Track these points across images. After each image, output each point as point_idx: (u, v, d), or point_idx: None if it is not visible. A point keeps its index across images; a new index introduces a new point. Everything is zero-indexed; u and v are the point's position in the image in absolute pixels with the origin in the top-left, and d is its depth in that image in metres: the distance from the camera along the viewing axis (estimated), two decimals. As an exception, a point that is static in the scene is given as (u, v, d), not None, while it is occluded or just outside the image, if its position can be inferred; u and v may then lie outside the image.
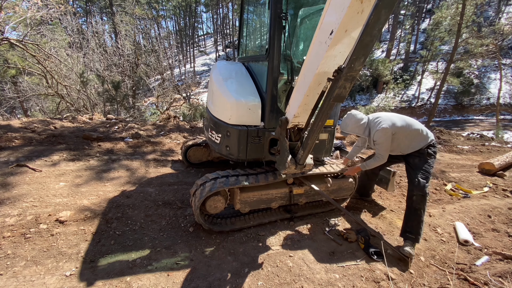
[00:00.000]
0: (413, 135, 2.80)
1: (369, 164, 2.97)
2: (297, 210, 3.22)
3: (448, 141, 8.34)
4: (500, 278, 2.19)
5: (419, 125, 2.84)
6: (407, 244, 2.64)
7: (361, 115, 2.93)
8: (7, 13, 8.93)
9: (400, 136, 2.79)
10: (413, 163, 2.83)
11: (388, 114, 2.94)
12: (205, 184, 2.57)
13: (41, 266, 2.17)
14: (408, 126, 2.78)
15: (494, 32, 15.04)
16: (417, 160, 2.82)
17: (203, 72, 39.05)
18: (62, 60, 9.89)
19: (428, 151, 2.81)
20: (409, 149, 2.85)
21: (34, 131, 5.36)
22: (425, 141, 2.81)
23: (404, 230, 2.75)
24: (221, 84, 2.93)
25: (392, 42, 28.08)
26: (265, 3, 3.04)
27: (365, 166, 3.01)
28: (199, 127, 7.15)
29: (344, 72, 1.76)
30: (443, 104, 25.18)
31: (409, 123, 2.80)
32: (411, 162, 2.85)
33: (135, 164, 4.44)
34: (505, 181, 4.92)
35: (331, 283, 2.23)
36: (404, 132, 2.77)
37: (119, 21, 12.57)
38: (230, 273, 2.25)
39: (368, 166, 2.99)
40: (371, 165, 2.97)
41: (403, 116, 2.92)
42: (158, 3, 38.14)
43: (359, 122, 2.90)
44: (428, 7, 34.12)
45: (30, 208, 2.90)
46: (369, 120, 2.92)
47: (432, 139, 2.84)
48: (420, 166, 2.77)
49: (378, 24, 1.55)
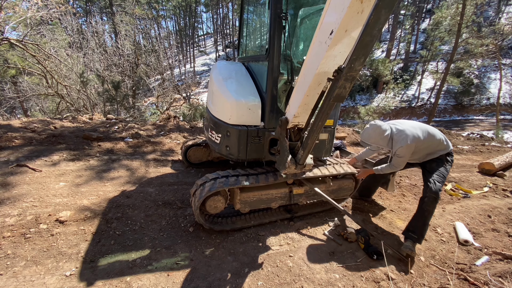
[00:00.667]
0: (434, 145, 2.84)
1: (384, 170, 2.97)
2: (298, 209, 3.22)
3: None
4: (500, 278, 2.19)
5: (440, 135, 2.85)
6: (408, 243, 2.65)
7: (385, 126, 2.80)
8: (7, 13, 8.93)
9: (421, 148, 2.81)
10: (430, 167, 2.87)
11: (410, 123, 2.85)
12: (205, 184, 2.57)
13: (41, 266, 2.17)
14: (430, 137, 2.79)
15: (494, 32, 15.05)
16: (434, 164, 2.86)
17: (203, 72, 39.05)
18: (62, 60, 9.88)
19: (446, 158, 2.88)
20: (428, 157, 2.90)
21: (34, 131, 5.36)
22: (445, 150, 2.86)
23: (407, 229, 2.76)
24: (221, 84, 2.93)
25: (392, 42, 28.08)
26: (265, 3, 3.04)
27: (379, 171, 3.00)
28: (199, 127, 7.15)
29: (344, 72, 1.76)
30: (443, 104, 25.19)
31: (432, 133, 2.81)
32: (428, 166, 2.90)
33: (135, 164, 4.44)
34: (505, 181, 4.92)
35: (331, 283, 2.24)
36: (426, 144, 2.79)
37: (119, 21, 12.57)
38: (230, 273, 2.26)
39: (382, 171, 3.00)
40: (385, 171, 2.97)
41: (425, 125, 2.88)
42: (158, 3, 38.13)
43: (383, 134, 2.77)
44: (428, 7, 34.13)
45: (30, 208, 2.90)
46: (392, 132, 2.79)
47: (451, 149, 2.90)
48: (436, 169, 2.82)
49: (378, 24, 1.55)
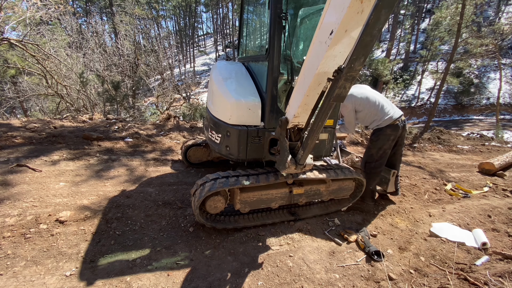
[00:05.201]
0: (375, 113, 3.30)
1: (340, 129, 3.54)
2: (302, 213, 3.19)
3: (448, 141, 8.34)
4: (500, 278, 2.18)
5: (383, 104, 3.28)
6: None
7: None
8: (6, 13, 8.91)
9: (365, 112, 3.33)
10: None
11: (365, 89, 3.35)
12: (205, 184, 2.57)
13: (41, 266, 2.17)
14: (372, 104, 3.24)
15: (493, 32, 15.03)
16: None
17: (203, 72, 39.05)
18: (61, 60, 9.87)
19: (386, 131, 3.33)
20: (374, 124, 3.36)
21: (34, 131, 5.35)
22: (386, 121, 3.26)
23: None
24: (221, 84, 2.93)
25: (392, 42, 28.08)
26: (265, 3, 3.04)
27: (338, 130, 3.48)
28: (199, 127, 7.15)
29: (344, 72, 1.76)
30: (443, 104, 25.19)
31: (376, 102, 3.25)
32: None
33: (135, 163, 4.44)
34: (505, 181, 4.93)
35: (331, 283, 2.24)
36: (368, 109, 3.30)
37: (119, 21, 12.56)
38: (230, 273, 2.26)
39: (339, 131, 3.58)
40: (341, 131, 3.61)
41: (375, 95, 3.34)
42: (158, 3, 38.13)
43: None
44: (428, 7, 34.12)
45: (30, 208, 2.89)
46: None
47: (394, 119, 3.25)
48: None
49: (378, 24, 1.55)
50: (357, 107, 3.25)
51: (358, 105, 3.24)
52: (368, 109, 3.22)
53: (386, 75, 21.39)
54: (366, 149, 3.49)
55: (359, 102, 3.22)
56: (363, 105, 3.22)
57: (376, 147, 3.30)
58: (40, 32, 10.31)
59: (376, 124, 3.25)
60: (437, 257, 2.69)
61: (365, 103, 3.21)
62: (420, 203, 3.84)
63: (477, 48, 13.32)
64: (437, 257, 2.68)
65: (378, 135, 3.27)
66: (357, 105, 3.24)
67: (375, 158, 3.33)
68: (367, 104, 3.21)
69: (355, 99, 3.22)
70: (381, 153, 3.30)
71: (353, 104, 3.24)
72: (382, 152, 3.30)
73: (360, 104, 3.22)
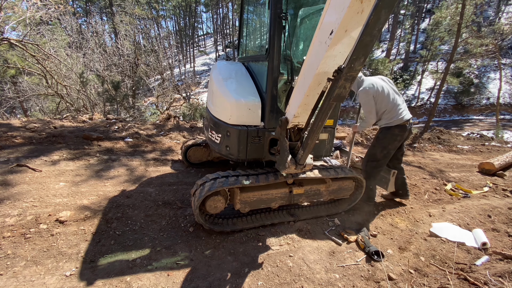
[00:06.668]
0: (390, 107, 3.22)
1: (361, 125, 3.39)
2: (301, 214, 3.18)
3: (448, 141, 8.34)
4: (500, 278, 2.18)
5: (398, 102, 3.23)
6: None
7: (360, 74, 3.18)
8: (6, 13, 8.91)
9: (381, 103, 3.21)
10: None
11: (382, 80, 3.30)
12: (204, 184, 2.57)
13: (41, 266, 2.17)
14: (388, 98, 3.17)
15: (493, 32, 15.03)
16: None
17: (203, 72, 39.04)
18: (61, 60, 9.87)
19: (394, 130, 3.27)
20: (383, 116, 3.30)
21: (34, 131, 5.35)
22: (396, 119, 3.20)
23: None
24: (221, 84, 2.93)
25: (392, 42, 28.08)
26: (265, 3, 3.04)
27: (360, 127, 3.42)
28: (199, 127, 7.15)
29: (344, 72, 1.77)
30: (443, 104, 25.18)
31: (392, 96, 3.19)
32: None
33: (135, 163, 4.44)
34: (505, 181, 4.93)
35: (331, 283, 2.24)
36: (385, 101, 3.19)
37: (119, 21, 12.56)
38: (230, 273, 2.26)
39: (361, 128, 3.43)
40: (363, 127, 3.40)
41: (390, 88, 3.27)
42: (158, 3, 38.13)
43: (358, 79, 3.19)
44: (428, 7, 34.12)
45: (30, 208, 2.90)
46: (361, 77, 3.21)
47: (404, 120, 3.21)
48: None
49: (378, 24, 1.55)
50: (376, 98, 3.11)
51: (377, 97, 3.09)
52: (385, 104, 3.10)
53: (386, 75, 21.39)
54: (370, 147, 3.40)
55: (378, 94, 3.08)
56: (381, 98, 3.08)
57: (381, 145, 3.24)
58: (40, 32, 10.31)
59: (386, 121, 3.16)
60: (437, 257, 2.69)
61: (383, 97, 3.08)
62: (420, 203, 3.84)
63: (477, 48, 13.31)
64: (437, 257, 2.68)
65: (385, 134, 3.20)
66: (376, 96, 3.09)
67: (378, 157, 3.29)
68: (385, 99, 3.09)
69: (376, 90, 3.06)
70: (385, 152, 3.25)
71: (374, 93, 3.08)
72: (386, 152, 3.25)
73: (379, 96, 3.08)
